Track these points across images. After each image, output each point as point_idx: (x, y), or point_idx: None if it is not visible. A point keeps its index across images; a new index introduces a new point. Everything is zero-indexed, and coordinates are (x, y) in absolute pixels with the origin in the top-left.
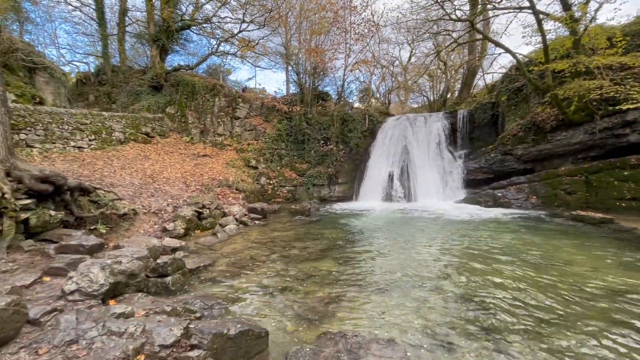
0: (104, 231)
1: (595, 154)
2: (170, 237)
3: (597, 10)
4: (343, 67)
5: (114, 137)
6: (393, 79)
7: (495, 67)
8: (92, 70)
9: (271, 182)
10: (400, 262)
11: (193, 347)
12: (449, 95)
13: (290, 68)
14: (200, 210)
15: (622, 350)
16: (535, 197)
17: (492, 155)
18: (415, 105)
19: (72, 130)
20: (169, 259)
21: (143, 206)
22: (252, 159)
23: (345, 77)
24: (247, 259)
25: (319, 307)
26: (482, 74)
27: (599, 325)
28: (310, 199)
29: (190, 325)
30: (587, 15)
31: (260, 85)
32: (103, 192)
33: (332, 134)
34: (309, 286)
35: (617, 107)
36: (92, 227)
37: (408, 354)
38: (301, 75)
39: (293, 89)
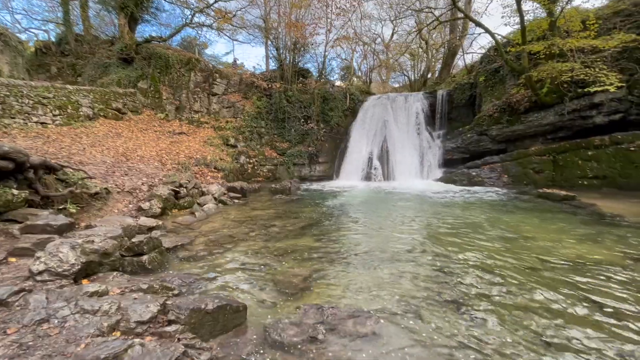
0: (74, 211)
1: (563, 134)
2: (146, 216)
3: None
4: (324, 43)
5: (81, 113)
6: (375, 57)
7: (475, 48)
8: (53, 39)
9: (251, 161)
10: (377, 238)
11: (170, 322)
12: (429, 75)
13: (269, 43)
14: (178, 190)
15: (577, 311)
16: (506, 175)
17: (468, 135)
18: (397, 85)
19: (33, 104)
20: (145, 237)
21: (116, 185)
22: (231, 137)
23: (327, 53)
24: (227, 237)
25: (298, 282)
26: (462, 54)
27: (557, 291)
28: (290, 178)
29: (168, 302)
30: None
31: (238, 60)
32: (71, 170)
33: (312, 112)
34: (288, 262)
35: (585, 90)
36: (60, 207)
37: (381, 321)
38: (281, 51)
39: (273, 64)
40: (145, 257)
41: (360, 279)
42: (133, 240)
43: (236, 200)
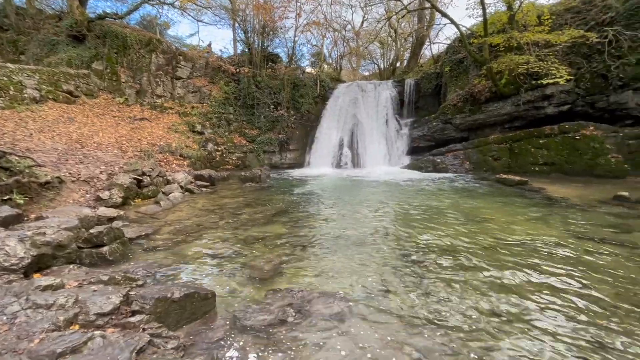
0: (21, 201)
1: (518, 124)
2: (105, 206)
3: None
4: (294, 27)
5: (26, 95)
6: (345, 44)
7: (441, 38)
8: None
9: (219, 148)
10: (347, 223)
11: (135, 312)
12: (398, 64)
13: (237, 25)
14: (140, 178)
15: (525, 284)
16: (468, 162)
17: (434, 124)
18: (367, 73)
19: None
20: (104, 228)
21: (70, 174)
22: (197, 124)
23: (296, 39)
24: (194, 226)
25: (268, 268)
26: (429, 44)
27: (509, 268)
28: (261, 166)
29: (131, 292)
30: None
31: (203, 42)
32: (17, 157)
33: (283, 98)
34: (258, 249)
35: (539, 82)
36: (5, 197)
37: (350, 303)
38: (249, 34)
39: (241, 48)
40: (105, 249)
41: (330, 263)
42: (91, 231)
43: (204, 189)
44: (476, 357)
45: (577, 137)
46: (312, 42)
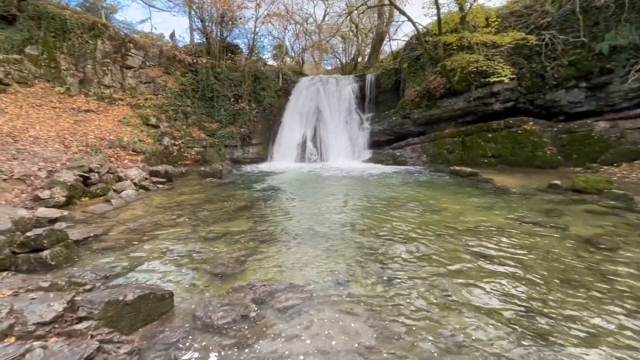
0: None
1: (470, 119)
2: (46, 206)
3: None
4: (254, 18)
5: None
6: (307, 38)
7: (400, 35)
8: None
9: (177, 142)
10: (310, 216)
11: (81, 319)
12: (360, 59)
13: (194, 13)
14: (87, 175)
15: (475, 266)
16: (425, 155)
17: (393, 118)
18: (329, 67)
19: None
20: (44, 230)
21: (1, 171)
22: (151, 117)
23: (257, 29)
24: (150, 224)
25: (231, 264)
26: (388, 40)
27: (461, 252)
28: (222, 161)
29: (77, 298)
30: None
31: (156, 29)
32: None
33: (244, 91)
34: (220, 246)
35: (487, 80)
36: None
37: (314, 294)
38: (207, 23)
39: (198, 38)
40: (46, 253)
41: (295, 256)
42: (28, 234)
43: (160, 186)
44: (431, 339)
45: (520, 132)
46: (273, 34)
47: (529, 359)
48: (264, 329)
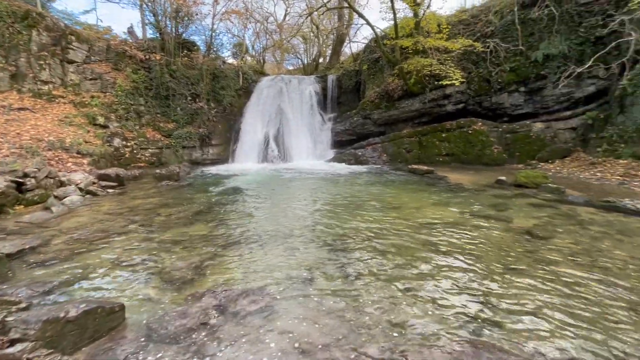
0: None
1: (426, 119)
2: None
3: None
4: (211, 14)
5: None
6: (268, 37)
7: (359, 37)
8: None
9: (128, 144)
10: (274, 217)
11: (14, 341)
12: (321, 60)
13: (145, 6)
14: (22, 180)
15: (431, 259)
16: (385, 155)
17: (355, 119)
18: (291, 67)
19: None
20: None
21: None
22: (99, 116)
23: (215, 26)
24: (98, 232)
25: (189, 271)
26: (349, 42)
27: (418, 247)
28: (180, 163)
29: (8, 318)
30: (425, 1)
31: (102, 22)
32: None
33: (202, 90)
34: (178, 252)
35: (440, 83)
36: None
37: (277, 296)
38: (160, 17)
39: (151, 33)
40: None
41: (257, 259)
42: None
43: (111, 190)
44: (395, 335)
45: (470, 132)
46: (233, 32)
47: (481, 336)
48: (225, 335)
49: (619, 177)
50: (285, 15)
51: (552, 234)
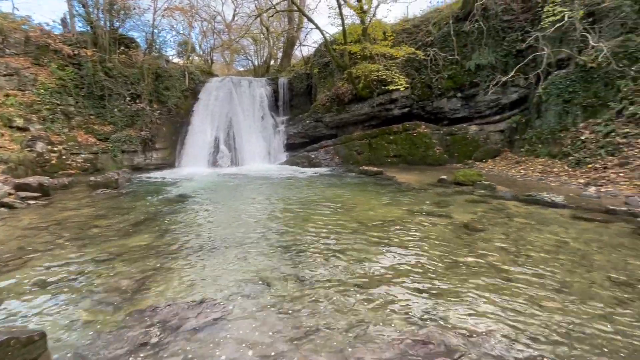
0: None
1: (375, 123)
2: None
3: (376, 7)
4: (152, 9)
5: None
6: (216, 36)
7: (310, 41)
8: None
9: (55, 148)
10: (224, 224)
11: None
12: (272, 62)
13: None
14: None
15: (382, 256)
16: (337, 157)
17: (307, 122)
18: (241, 69)
19: None
20: None
21: None
22: (16, 117)
23: (156, 23)
24: (15, 250)
25: (129, 286)
26: (299, 45)
27: (370, 243)
28: (119, 169)
29: None
30: (371, 9)
31: (18, 10)
32: None
33: (143, 90)
34: (116, 267)
35: (387, 88)
36: None
37: (229, 307)
38: (91, 9)
39: (81, 26)
40: None
41: (206, 269)
42: None
43: (33, 202)
44: (352, 336)
45: (415, 134)
46: (178, 30)
47: (428, 326)
48: (168, 354)
49: (538, 174)
50: (234, 16)
51: (485, 227)
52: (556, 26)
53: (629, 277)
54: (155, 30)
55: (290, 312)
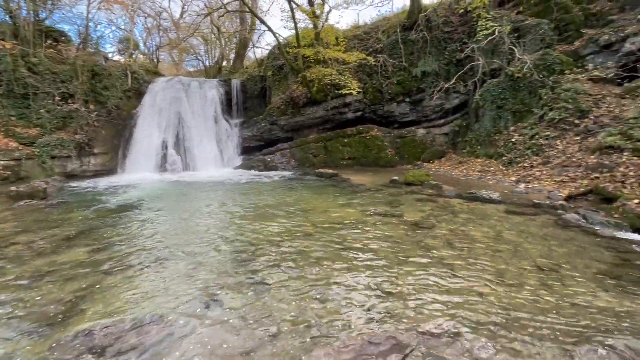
0: None
1: (329, 126)
2: None
3: (328, 12)
4: (86, 0)
5: None
6: (162, 34)
7: (263, 43)
8: None
9: None
10: (174, 234)
11: None
12: (224, 63)
13: None
14: None
15: (337, 257)
16: (294, 160)
17: (262, 124)
18: (192, 69)
19: None
20: None
21: None
22: None
23: (91, 16)
24: None
25: (59, 308)
26: (252, 47)
27: (328, 245)
28: (48, 176)
29: None
30: (323, 14)
31: None
32: None
33: (77, 89)
34: (43, 287)
35: (340, 92)
36: None
37: (178, 322)
38: None
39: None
40: None
41: (151, 284)
42: None
43: None
44: (308, 341)
45: (368, 137)
46: (118, 25)
47: (383, 323)
48: None
49: (478, 173)
50: (182, 13)
51: (433, 224)
52: (488, 39)
53: (552, 263)
54: (90, 24)
55: (243, 322)
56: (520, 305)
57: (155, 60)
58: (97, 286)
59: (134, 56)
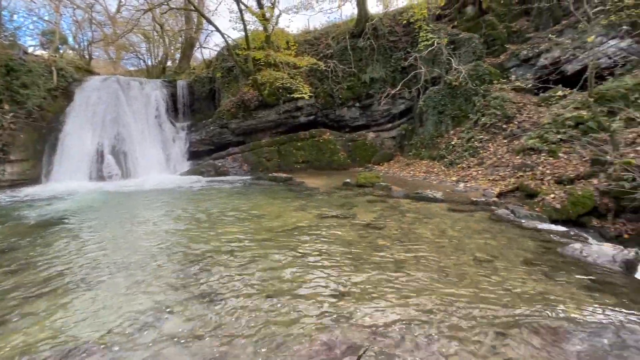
0: None
1: (282, 129)
2: None
3: (278, 16)
4: None
5: None
6: (95, 29)
7: (211, 44)
8: None
9: None
10: (110, 249)
11: None
12: (169, 63)
13: None
14: None
15: (291, 263)
16: (246, 164)
17: (211, 128)
18: (132, 68)
19: None
20: None
21: None
22: None
23: (5, 3)
24: None
25: None
26: (200, 47)
27: (283, 250)
28: None
29: None
30: (273, 17)
31: None
32: None
33: None
34: None
35: (292, 96)
36: None
37: (112, 349)
38: None
39: None
40: None
41: (83, 306)
42: None
43: None
44: (264, 351)
45: (321, 141)
46: (41, 15)
47: (338, 327)
48: None
49: (423, 174)
50: (119, 7)
51: (384, 224)
52: (429, 49)
53: (488, 255)
54: (4, 13)
55: (194, 338)
56: (462, 296)
57: (87, 56)
58: (18, 312)
59: (61, 51)
